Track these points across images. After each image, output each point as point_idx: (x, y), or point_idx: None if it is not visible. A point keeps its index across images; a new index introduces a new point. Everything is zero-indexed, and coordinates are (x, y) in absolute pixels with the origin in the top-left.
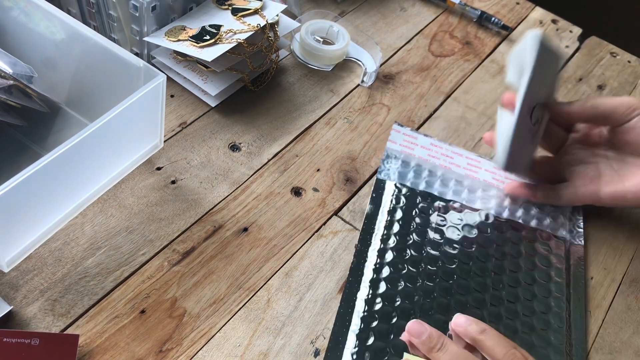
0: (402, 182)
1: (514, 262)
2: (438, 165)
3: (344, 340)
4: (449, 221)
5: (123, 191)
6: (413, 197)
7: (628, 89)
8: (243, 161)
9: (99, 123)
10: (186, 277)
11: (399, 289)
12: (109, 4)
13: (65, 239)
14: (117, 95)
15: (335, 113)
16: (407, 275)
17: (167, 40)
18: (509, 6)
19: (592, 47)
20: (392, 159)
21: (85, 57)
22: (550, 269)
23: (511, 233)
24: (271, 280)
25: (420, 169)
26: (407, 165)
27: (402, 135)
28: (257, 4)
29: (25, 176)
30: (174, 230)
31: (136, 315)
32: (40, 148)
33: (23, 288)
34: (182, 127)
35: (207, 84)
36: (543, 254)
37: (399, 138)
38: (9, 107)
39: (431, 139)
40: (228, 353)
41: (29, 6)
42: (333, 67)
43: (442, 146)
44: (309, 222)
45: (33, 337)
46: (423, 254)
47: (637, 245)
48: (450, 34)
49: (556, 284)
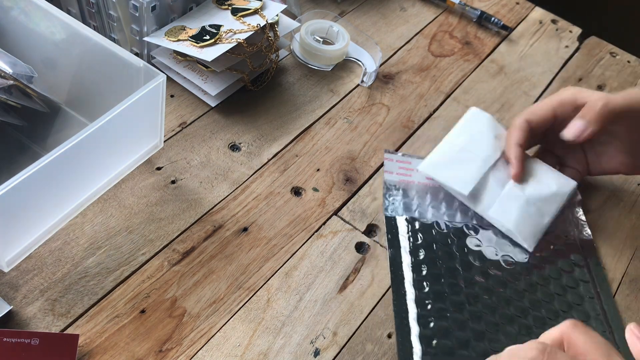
0: (411, 215)
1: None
2: (438, 186)
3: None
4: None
5: (123, 191)
6: (428, 231)
7: (628, 89)
8: (243, 161)
9: (99, 123)
10: (186, 277)
11: (453, 336)
12: (109, 4)
13: (65, 238)
14: (117, 95)
15: (335, 113)
16: (452, 318)
17: (167, 40)
18: (508, 6)
19: (591, 47)
20: (393, 190)
21: (85, 57)
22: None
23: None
24: (271, 280)
25: (423, 195)
26: (408, 195)
27: (396, 164)
28: (257, 4)
29: (25, 176)
30: (174, 230)
31: (136, 315)
32: (40, 148)
33: (23, 288)
34: (182, 127)
35: (207, 84)
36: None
37: (394, 167)
38: (9, 107)
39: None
40: (228, 353)
41: (29, 6)
42: (333, 67)
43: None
44: (309, 222)
45: (33, 337)
46: (461, 293)
47: (637, 245)
48: (450, 34)
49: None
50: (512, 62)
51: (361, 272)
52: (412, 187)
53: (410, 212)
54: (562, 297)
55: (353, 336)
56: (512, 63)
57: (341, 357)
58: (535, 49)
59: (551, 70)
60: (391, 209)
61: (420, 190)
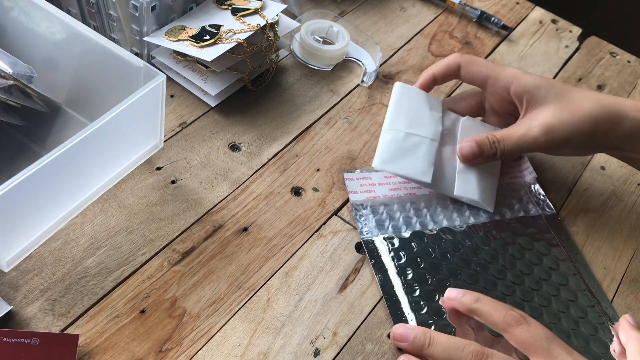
0: (387, 234)
1: (520, 262)
2: (403, 195)
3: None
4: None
5: (123, 191)
6: (408, 247)
7: (628, 89)
8: (243, 161)
9: (99, 123)
10: (186, 276)
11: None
12: (109, 4)
13: (65, 238)
14: (117, 95)
15: (335, 113)
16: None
17: (167, 40)
18: (508, 6)
19: (591, 47)
20: (362, 210)
21: (85, 57)
22: (550, 254)
23: (502, 234)
24: (271, 280)
25: (391, 209)
26: (377, 212)
27: (357, 182)
28: (257, 3)
29: (25, 176)
30: (174, 230)
31: (136, 315)
32: (40, 148)
33: (23, 288)
34: (182, 127)
35: (207, 84)
36: (536, 240)
37: (356, 186)
38: (9, 107)
39: (382, 172)
40: (228, 353)
41: (29, 6)
42: (333, 67)
43: (391, 177)
44: (309, 222)
45: (33, 337)
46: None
47: (636, 245)
48: (450, 34)
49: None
50: (512, 62)
51: (361, 272)
52: (378, 202)
53: (384, 230)
54: (539, 265)
55: (353, 336)
56: (512, 63)
57: (341, 357)
58: (535, 48)
59: (551, 70)
60: (366, 231)
61: (387, 203)
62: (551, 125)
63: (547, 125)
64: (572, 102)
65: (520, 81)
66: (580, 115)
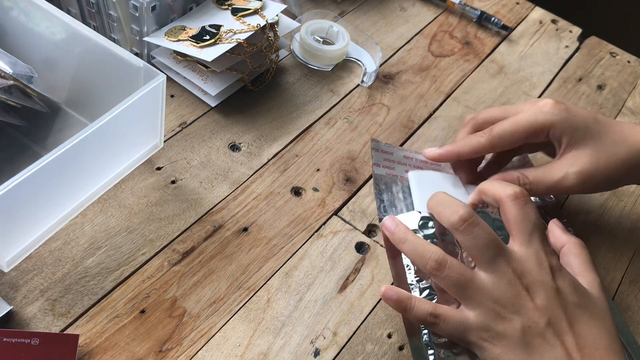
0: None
1: None
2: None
3: None
4: None
5: (123, 191)
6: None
7: (628, 89)
8: (243, 161)
9: (99, 123)
10: (186, 277)
11: None
12: (109, 4)
13: (65, 238)
14: (117, 95)
15: (335, 113)
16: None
17: (167, 40)
18: (508, 6)
19: (592, 47)
20: (382, 186)
21: (85, 57)
22: None
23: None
24: (271, 280)
25: (407, 190)
26: (392, 191)
27: (381, 154)
28: (257, 4)
29: (25, 176)
30: (174, 230)
31: (136, 315)
32: (40, 148)
33: (23, 288)
34: (182, 127)
35: (207, 84)
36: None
37: (379, 158)
38: (9, 107)
39: (403, 151)
40: (228, 353)
41: (29, 6)
42: (333, 67)
43: (412, 157)
44: (309, 222)
45: (33, 337)
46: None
47: (636, 245)
48: (450, 34)
49: None
50: (512, 62)
51: (361, 272)
52: (396, 181)
53: (396, 212)
54: None
55: (353, 336)
56: (512, 63)
57: (341, 357)
58: (535, 48)
59: (551, 70)
60: (383, 209)
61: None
62: (588, 172)
63: (584, 174)
64: (609, 146)
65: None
66: (615, 161)
